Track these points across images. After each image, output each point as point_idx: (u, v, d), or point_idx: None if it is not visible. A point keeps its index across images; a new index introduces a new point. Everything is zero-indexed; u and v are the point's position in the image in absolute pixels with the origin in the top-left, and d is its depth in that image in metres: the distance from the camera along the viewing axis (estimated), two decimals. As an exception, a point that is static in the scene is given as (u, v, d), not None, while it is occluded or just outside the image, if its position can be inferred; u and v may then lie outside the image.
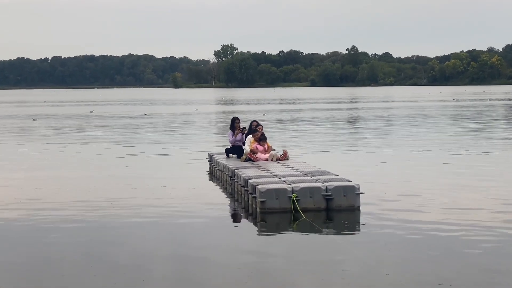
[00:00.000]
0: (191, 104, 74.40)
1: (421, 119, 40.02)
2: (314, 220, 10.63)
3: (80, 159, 20.19)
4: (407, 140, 24.78)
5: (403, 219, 10.53)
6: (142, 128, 34.84)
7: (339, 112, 51.06)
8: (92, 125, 37.96)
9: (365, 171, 16.40)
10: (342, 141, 25.38)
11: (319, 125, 35.64)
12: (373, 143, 23.85)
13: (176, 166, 18.16)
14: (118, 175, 16.28)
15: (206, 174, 16.62)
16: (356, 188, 11.50)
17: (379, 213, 11.08)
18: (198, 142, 25.96)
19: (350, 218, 10.89)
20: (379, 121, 38.36)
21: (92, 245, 9.14)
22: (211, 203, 12.23)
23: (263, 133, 15.76)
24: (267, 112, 50.34)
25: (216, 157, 16.54)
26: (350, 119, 41.52)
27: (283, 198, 11.27)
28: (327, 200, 11.44)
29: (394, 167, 17.09)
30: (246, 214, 11.53)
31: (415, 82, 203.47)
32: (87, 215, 11.23)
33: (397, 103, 68.81)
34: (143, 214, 11.27)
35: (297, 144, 24.08)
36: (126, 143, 25.56)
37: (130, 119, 44.41)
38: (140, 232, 9.86)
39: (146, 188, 14.03)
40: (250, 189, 11.97)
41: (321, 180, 11.95)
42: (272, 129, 32.15)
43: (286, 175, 12.58)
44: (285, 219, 10.85)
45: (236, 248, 8.90)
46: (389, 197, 12.49)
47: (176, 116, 47.87)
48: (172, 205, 11.97)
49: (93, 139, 27.80)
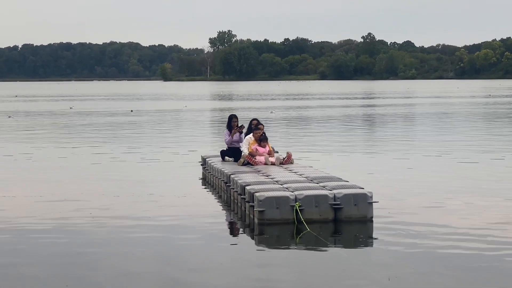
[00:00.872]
0: (183, 100, 74.57)
1: (448, 118, 40.10)
2: (320, 233, 10.71)
3: (55, 163, 20.31)
4: (431, 142, 24.86)
5: (423, 233, 10.58)
6: (126, 127, 34.98)
7: (353, 109, 51.20)
8: (72, 123, 38.10)
9: (380, 177, 16.50)
10: (356, 142, 25.51)
11: (329, 124, 35.76)
12: (391, 146, 23.96)
13: (164, 170, 18.27)
14: (98, 181, 16.40)
15: (199, 180, 16.72)
16: (368, 196, 11.58)
17: (395, 225, 11.15)
18: (190, 143, 26.08)
19: (362, 231, 10.97)
20: (398, 120, 38.49)
21: (65, 264, 9.18)
22: (204, 213, 12.33)
23: (263, 133, 15.86)
24: (274, 109, 50.27)
25: (210, 160, 16.65)
26: (365, 118, 41.64)
27: (284, 208, 11.35)
28: (335, 210, 11.52)
29: (414, 173, 17.18)
30: (242, 226, 11.63)
31: (441, 75, 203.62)
32: (61, 228, 11.30)
33: (420, 99, 68.94)
34: (126, 226, 11.36)
35: (303, 146, 24.20)
36: (108, 144, 25.69)
37: (113, 117, 44.56)
38: (121, 249, 9.92)
39: (130, 197, 14.13)
40: (247, 197, 12.06)
41: (329, 187, 12.04)
42: (275, 129, 32.28)
43: (289, 181, 12.68)
44: (287, 232, 10.93)
45: (230, 265, 8.97)
46: (407, 208, 12.58)
47: (165, 114, 48.02)
48: (159, 216, 12.06)
49: (72, 140, 27.92)
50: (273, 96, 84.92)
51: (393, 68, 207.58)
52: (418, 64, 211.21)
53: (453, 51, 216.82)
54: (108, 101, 74.86)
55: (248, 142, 15.79)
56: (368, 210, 11.56)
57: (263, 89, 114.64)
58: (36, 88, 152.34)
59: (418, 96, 79.91)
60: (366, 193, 11.62)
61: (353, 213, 11.51)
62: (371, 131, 32.18)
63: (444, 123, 35.92)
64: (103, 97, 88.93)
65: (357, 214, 11.52)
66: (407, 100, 67.45)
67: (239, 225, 11.77)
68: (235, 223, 11.91)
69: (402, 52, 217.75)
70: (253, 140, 15.75)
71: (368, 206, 11.56)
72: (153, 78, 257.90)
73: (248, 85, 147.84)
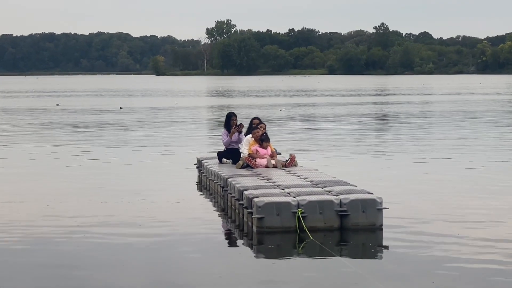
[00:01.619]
0: (177, 96, 74.68)
1: (469, 117, 40.12)
2: (324, 242, 10.77)
3: (38, 165, 20.40)
4: (450, 145, 24.83)
5: (439, 243, 10.62)
6: (115, 126, 35.09)
7: (364, 107, 51.29)
8: (56, 122, 38.19)
9: (391, 181, 16.59)
10: (366, 144, 25.58)
11: (337, 124, 35.85)
12: (405, 147, 24.02)
13: (156, 174, 18.35)
14: (83, 186, 16.46)
15: (194, 184, 16.83)
16: (377, 202, 11.65)
17: (407, 234, 11.21)
18: (185, 144, 26.19)
19: (370, 240, 11.05)
20: (414, 120, 38.54)
21: (49, 276, 9.23)
22: (199, 221, 12.40)
23: (265, 133, 15.90)
24: (282, 107, 50.15)
25: (207, 162, 16.74)
26: (377, 117, 41.72)
27: (285, 214, 11.42)
28: (341, 217, 11.59)
29: (429, 177, 17.23)
30: (240, 234, 11.71)
31: (461, 70, 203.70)
32: (45, 237, 11.36)
33: (438, 97, 69.01)
34: (115, 235, 11.41)
35: (308, 147, 24.29)
36: (95, 146, 25.78)
37: (100, 115, 44.68)
38: (110, 259, 9.98)
39: (119, 203, 14.19)
40: (245, 202, 12.14)
41: (335, 192, 12.13)
42: (278, 128, 32.37)
43: (291, 186, 12.76)
44: (288, 241, 11.01)
45: (226, 278, 9.04)
46: (421, 215, 12.64)
47: (158, 111, 48.15)
48: (150, 225, 12.12)
49: (55, 140, 28.01)
50: (277, 92, 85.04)
51: (408, 62, 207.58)
52: (436, 57, 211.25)
53: (475, 43, 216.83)
54: (95, 97, 75.00)
55: (248, 143, 15.80)
56: (377, 217, 11.61)
57: (265, 85, 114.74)
58: (16, 82, 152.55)
59: (436, 93, 79.99)
60: (375, 199, 11.68)
61: (360, 221, 11.57)
62: (384, 131, 32.27)
63: (465, 123, 35.93)
64: (89, 92, 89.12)
65: (365, 222, 11.58)
66: (424, 97, 67.52)
67: (237, 233, 11.85)
68: (233, 232, 11.99)
69: (419, 44, 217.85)
70: (253, 141, 15.76)
71: (377, 213, 11.62)
72: (144, 72, 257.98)
73: (249, 80, 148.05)
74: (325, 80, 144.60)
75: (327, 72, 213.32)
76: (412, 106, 52.41)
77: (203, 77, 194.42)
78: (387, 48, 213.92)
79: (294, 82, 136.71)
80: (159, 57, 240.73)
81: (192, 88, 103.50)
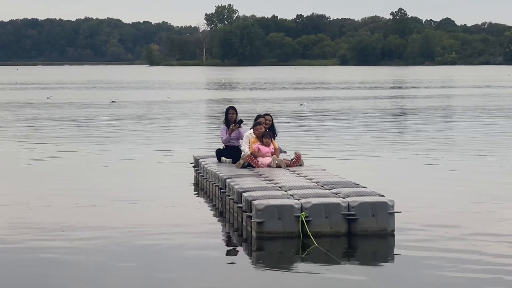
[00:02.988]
0: (174, 89, 74.73)
1: (496, 112, 40.10)
2: (330, 249, 10.84)
3: (21, 165, 20.45)
4: (474, 144, 24.66)
5: (457, 251, 10.67)
6: (104, 122, 35.17)
7: (379, 101, 51.30)
8: (40, 117, 38.25)
9: (405, 183, 16.69)
10: (381, 141, 25.59)
11: (350, 119, 35.88)
12: (424, 146, 24.00)
13: (149, 174, 18.43)
14: (69, 188, 16.53)
15: (190, 186, 16.92)
16: (389, 205, 11.69)
17: (421, 241, 11.26)
18: (181, 140, 26.27)
19: (381, 247, 11.13)
20: (435, 115, 38.50)
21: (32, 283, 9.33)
22: (194, 227, 12.46)
23: (268, 129, 15.82)
24: (304, 101, 50.00)
25: (204, 161, 16.80)
26: (393, 112, 41.76)
27: (288, 218, 11.46)
28: (349, 222, 11.65)
29: (450, 179, 17.23)
30: (239, 240, 11.79)
31: (487, 60, 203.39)
32: (26, 244, 11.41)
33: (461, 90, 68.92)
34: (103, 242, 11.45)
35: (316, 145, 24.36)
36: (82, 143, 25.82)
37: (89, 109, 44.74)
38: (96, 270, 10.02)
39: (108, 206, 14.23)
40: (244, 205, 12.20)
41: (342, 194, 12.19)
42: (283, 124, 32.41)
43: (295, 187, 12.82)
44: (291, 247, 11.07)
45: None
46: (436, 220, 12.70)
47: (152, 105, 48.26)
48: (142, 231, 12.15)
49: (38, 137, 28.09)
50: (284, 84, 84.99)
51: (428, 52, 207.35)
52: (459, 46, 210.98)
53: (502, 31, 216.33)
54: (83, 89, 75.08)
55: (249, 140, 15.78)
56: (388, 222, 11.66)
57: (271, 77, 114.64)
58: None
59: (459, 85, 79.85)
60: (387, 202, 11.73)
61: (370, 226, 11.62)
62: (401, 128, 32.28)
63: (491, 119, 35.82)
64: (77, 84, 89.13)
65: (375, 227, 11.63)
66: (446, 91, 67.48)
67: (235, 239, 11.93)
68: (231, 238, 12.06)
69: (440, 32, 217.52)
70: (255, 138, 15.75)
71: (388, 217, 11.67)
72: (137, 63, 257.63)
73: (253, 71, 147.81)
74: (336, 72, 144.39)
75: (339, 62, 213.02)
76: (432, 100, 52.36)
77: (202, 68, 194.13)
78: (405, 36, 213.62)
79: (302, 73, 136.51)
80: (153, 45, 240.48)
81: (190, 80, 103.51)
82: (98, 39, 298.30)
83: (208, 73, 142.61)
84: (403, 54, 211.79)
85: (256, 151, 15.57)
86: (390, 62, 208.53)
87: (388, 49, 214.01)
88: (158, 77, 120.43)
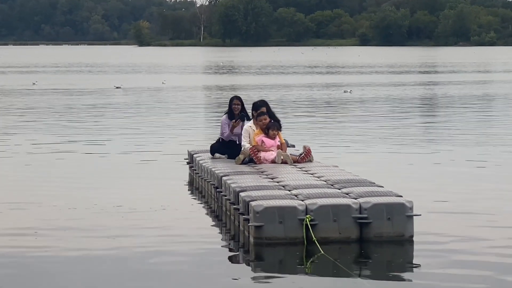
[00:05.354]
0: (167, 73, 74.69)
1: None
2: (339, 257, 10.90)
3: None
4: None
5: (483, 257, 10.75)
6: (87, 111, 35.19)
7: (405, 89, 51.15)
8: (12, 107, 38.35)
9: (430, 182, 16.69)
10: (405, 135, 25.48)
11: (370, 109, 35.87)
12: (455, 139, 23.91)
13: (138, 172, 18.49)
14: (46, 187, 16.58)
15: (184, 185, 17.01)
16: (407, 207, 11.72)
17: (444, 249, 11.31)
18: (174, 133, 26.27)
19: (397, 256, 11.21)
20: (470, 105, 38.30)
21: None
22: (186, 232, 12.50)
23: (272, 120, 15.83)
24: (349, 88, 49.88)
25: (199, 157, 16.76)
26: (421, 101, 41.63)
27: (290, 222, 11.49)
28: (361, 226, 11.70)
29: (479, 178, 17.25)
30: (235, 247, 11.86)
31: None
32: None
33: (500, 75, 68.64)
34: (84, 250, 11.48)
35: (329, 139, 24.42)
36: (62, 136, 25.78)
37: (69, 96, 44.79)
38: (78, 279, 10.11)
39: (90, 209, 14.21)
40: (241, 207, 12.23)
41: (354, 194, 12.21)
42: (292, 114, 32.48)
43: (300, 186, 12.83)
44: (293, 256, 11.15)
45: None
46: (463, 224, 12.78)
47: (142, 92, 48.26)
48: (127, 238, 12.20)
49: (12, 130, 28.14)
50: (293, 68, 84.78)
51: (463, 30, 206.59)
52: (499, 24, 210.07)
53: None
54: (62, 73, 74.92)
55: (249, 133, 15.66)
56: (406, 226, 11.70)
57: (280, 59, 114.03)
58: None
59: (498, 70, 79.61)
60: (404, 203, 11.75)
61: (385, 230, 11.66)
62: (429, 120, 32.21)
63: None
64: (54, 68, 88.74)
65: (391, 232, 11.67)
66: (483, 76, 67.17)
67: (232, 246, 11.99)
68: (226, 244, 12.12)
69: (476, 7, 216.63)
70: (258, 130, 15.71)
71: (406, 221, 11.69)
72: (124, 42, 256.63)
73: (259, 53, 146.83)
74: (356, 53, 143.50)
75: (358, 42, 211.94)
76: (467, 87, 52.08)
77: (199, 49, 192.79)
78: (435, 13, 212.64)
79: (316, 55, 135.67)
80: (142, 22, 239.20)
81: (185, 63, 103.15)
82: (79, 15, 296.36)
83: (207, 55, 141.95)
84: (433, 33, 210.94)
85: (260, 144, 15.47)
86: (418, 43, 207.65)
87: (416, 27, 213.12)
88: (148, 59, 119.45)
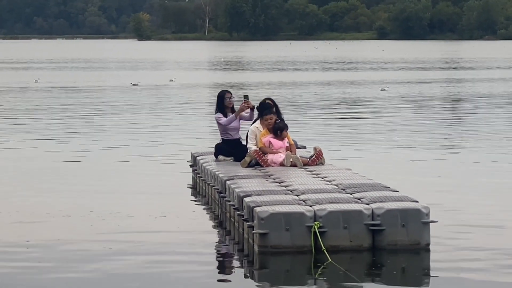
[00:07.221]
0: (168, 69, 74.61)
1: None
2: (350, 267, 10.91)
3: None
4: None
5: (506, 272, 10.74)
6: (84, 110, 35.25)
7: (426, 86, 51.10)
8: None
9: (449, 187, 16.70)
10: (427, 136, 25.39)
11: (389, 108, 35.85)
12: (481, 142, 23.84)
13: (138, 176, 18.52)
14: (39, 193, 16.59)
15: (187, 189, 17.04)
16: (423, 213, 11.73)
17: (463, 258, 11.31)
18: (176, 134, 26.33)
19: (413, 265, 11.21)
20: (497, 104, 38.25)
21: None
22: (188, 240, 12.53)
23: (278, 120, 15.82)
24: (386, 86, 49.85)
25: (203, 159, 16.77)
26: (445, 99, 41.59)
27: (298, 229, 11.51)
28: (374, 233, 11.71)
29: (503, 184, 17.22)
30: (239, 256, 11.89)
31: None
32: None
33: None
34: (76, 262, 11.47)
35: (343, 140, 24.43)
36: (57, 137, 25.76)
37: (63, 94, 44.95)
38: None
39: (86, 216, 14.23)
40: (245, 213, 12.25)
41: (366, 200, 12.23)
42: (302, 114, 32.49)
43: (309, 191, 12.84)
44: (301, 265, 11.20)
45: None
46: (483, 232, 12.76)
47: (143, 91, 48.32)
48: (125, 247, 12.21)
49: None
50: (306, 64, 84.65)
51: (489, 23, 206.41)
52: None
53: None
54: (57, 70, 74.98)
55: (255, 134, 15.65)
56: (422, 234, 11.70)
57: (291, 54, 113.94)
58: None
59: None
60: (420, 209, 11.76)
61: (399, 238, 11.67)
62: (453, 120, 32.09)
63: None
64: (47, 64, 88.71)
65: (405, 240, 11.67)
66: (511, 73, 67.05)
67: (235, 255, 12.02)
68: (229, 253, 12.15)
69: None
70: (265, 130, 15.71)
71: (422, 228, 11.70)
72: (122, 36, 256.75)
73: (268, 47, 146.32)
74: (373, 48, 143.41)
75: (376, 36, 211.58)
76: (494, 84, 51.94)
77: (204, 43, 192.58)
78: (459, 4, 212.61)
79: (330, 49, 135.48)
80: (142, 14, 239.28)
81: (191, 58, 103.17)
82: (74, 7, 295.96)
83: (212, 50, 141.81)
84: (457, 26, 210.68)
85: (267, 146, 15.45)
86: (441, 36, 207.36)
87: (438, 19, 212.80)
88: (149, 54, 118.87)
